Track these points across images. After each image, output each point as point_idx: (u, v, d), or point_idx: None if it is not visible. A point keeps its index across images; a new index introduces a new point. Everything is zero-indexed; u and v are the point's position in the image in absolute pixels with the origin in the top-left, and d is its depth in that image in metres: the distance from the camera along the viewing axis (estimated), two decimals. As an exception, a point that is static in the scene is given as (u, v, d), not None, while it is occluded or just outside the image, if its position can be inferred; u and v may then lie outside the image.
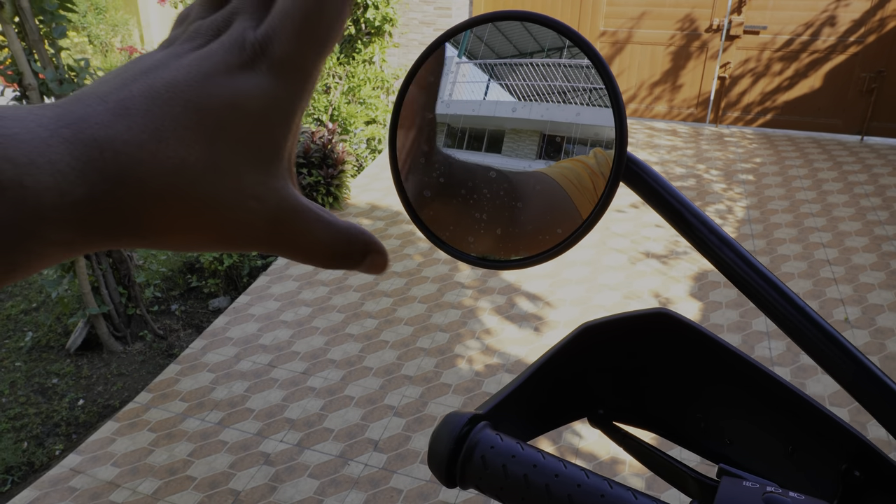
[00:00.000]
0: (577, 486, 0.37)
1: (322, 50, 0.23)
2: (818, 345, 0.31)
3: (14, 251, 0.19)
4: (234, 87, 0.22)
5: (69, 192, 0.20)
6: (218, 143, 0.22)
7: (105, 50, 7.15)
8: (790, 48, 5.02)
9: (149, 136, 0.21)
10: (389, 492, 2.05)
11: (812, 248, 3.46)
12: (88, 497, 2.05)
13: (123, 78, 0.22)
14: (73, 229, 0.20)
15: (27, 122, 0.20)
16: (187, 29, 0.25)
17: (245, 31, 0.23)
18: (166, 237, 0.22)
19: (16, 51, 2.27)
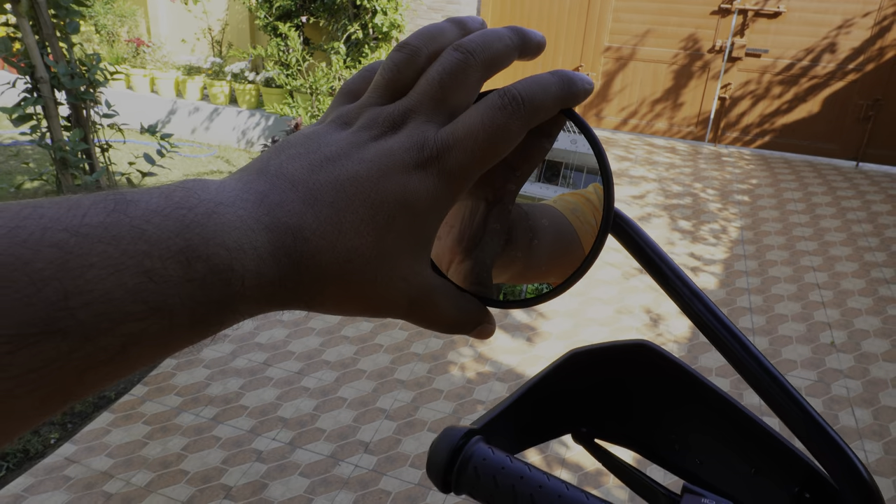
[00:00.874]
0: (559, 496, 0.42)
1: (488, 167, 0.26)
2: (772, 393, 0.36)
3: (218, 323, 0.22)
4: (407, 186, 0.25)
5: (265, 273, 0.23)
6: (386, 235, 0.25)
7: (111, 40, 7.19)
8: (790, 72, 5.10)
9: (332, 227, 0.24)
10: (378, 493, 2.10)
11: (802, 272, 3.52)
12: (82, 486, 2.09)
13: (311, 161, 0.25)
14: (258, 304, 0.23)
15: (235, 206, 0.22)
16: (362, 113, 0.27)
17: (426, 133, 0.26)
18: (327, 308, 0.26)
19: (29, 44, 2.32)
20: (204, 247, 0.21)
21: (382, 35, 5.08)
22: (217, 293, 0.21)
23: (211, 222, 0.21)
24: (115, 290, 0.19)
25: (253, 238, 0.22)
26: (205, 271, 0.21)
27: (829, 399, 2.56)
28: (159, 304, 0.20)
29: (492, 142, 0.26)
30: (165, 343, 0.21)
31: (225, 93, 5.89)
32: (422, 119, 0.26)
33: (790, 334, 2.98)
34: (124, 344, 0.20)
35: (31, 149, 5.33)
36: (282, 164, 0.25)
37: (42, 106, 2.43)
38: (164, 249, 0.20)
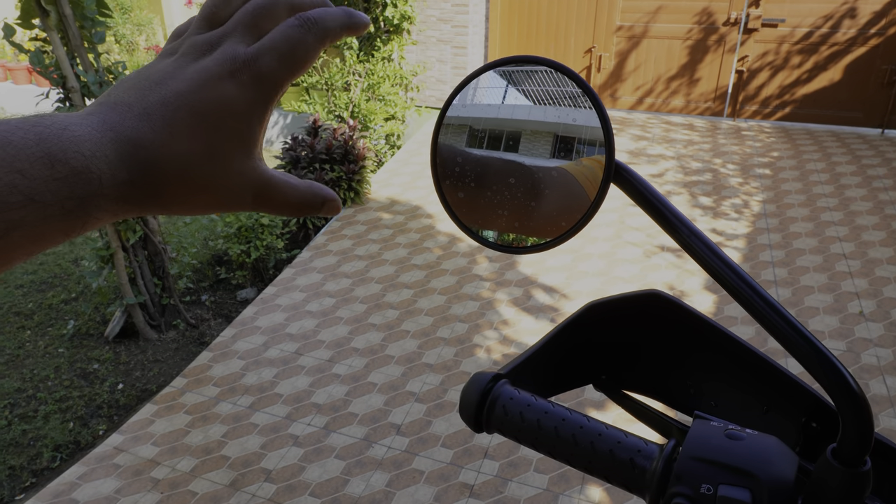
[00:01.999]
0: (580, 427, 0.47)
1: (294, 73, 0.32)
2: (774, 324, 0.40)
3: (85, 215, 0.27)
4: (224, 93, 0.30)
5: (116, 176, 0.28)
6: (214, 136, 0.30)
7: (131, 49, 7.33)
8: (809, 41, 5.02)
9: (166, 134, 0.29)
10: (412, 473, 2.16)
11: (828, 242, 3.49)
12: (131, 473, 2.19)
13: (141, 89, 0.31)
14: (117, 202, 0.29)
15: (84, 126, 0.28)
16: (184, 42, 0.33)
17: (236, 48, 0.31)
18: (179, 205, 0.31)
19: (60, 56, 2.41)
20: (62, 154, 0.26)
21: (394, 27, 5.12)
22: (80, 190, 0.26)
23: (65, 136, 0.26)
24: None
25: (103, 148, 0.28)
26: (66, 172, 0.26)
27: (859, 368, 2.56)
28: (33, 195, 0.25)
29: (292, 51, 0.31)
30: (42, 230, 0.26)
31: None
32: (233, 41, 0.32)
33: (817, 305, 2.97)
34: (7, 228, 0.24)
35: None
36: (118, 95, 0.31)
37: (73, 113, 2.52)
38: (30, 154, 0.25)
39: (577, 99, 0.43)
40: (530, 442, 0.49)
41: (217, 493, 2.10)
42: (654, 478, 0.43)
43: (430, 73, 5.74)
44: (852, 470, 0.40)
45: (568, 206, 0.43)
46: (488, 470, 2.17)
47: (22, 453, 2.37)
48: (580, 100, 0.43)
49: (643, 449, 0.45)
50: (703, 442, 0.43)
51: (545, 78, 0.44)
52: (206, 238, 3.77)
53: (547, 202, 0.44)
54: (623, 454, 0.45)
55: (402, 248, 3.60)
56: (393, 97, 5.09)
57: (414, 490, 2.09)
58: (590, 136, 0.43)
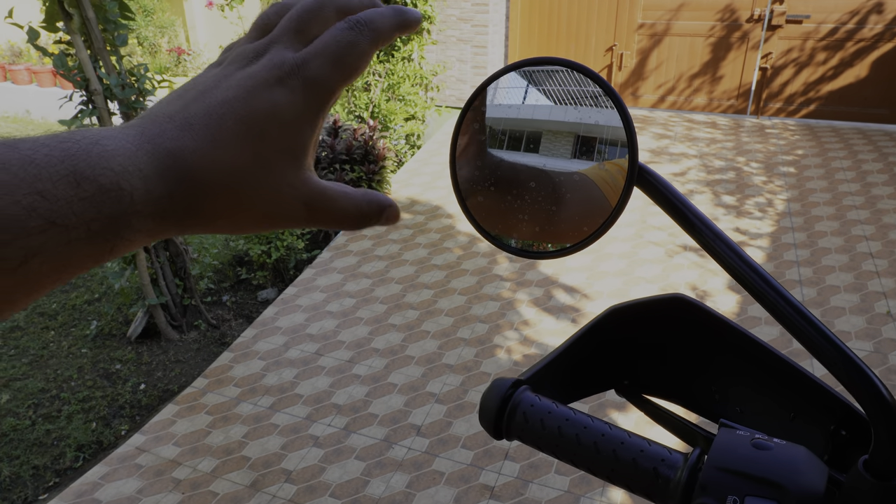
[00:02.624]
0: (602, 435, 0.46)
1: (346, 78, 0.30)
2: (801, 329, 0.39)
3: (115, 237, 0.25)
4: (273, 100, 0.29)
5: (152, 191, 0.26)
6: (261, 146, 0.28)
7: (153, 51, 7.44)
8: (835, 37, 4.92)
9: (208, 145, 0.27)
10: (432, 474, 2.16)
11: (854, 241, 3.42)
12: (153, 473, 2.21)
13: (185, 99, 0.29)
14: (153, 220, 0.26)
15: (118, 139, 0.26)
16: (232, 53, 0.32)
17: (284, 54, 0.30)
18: (224, 221, 0.29)
19: (83, 59, 2.44)
20: (90, 170, 0.24)
21: (413, 28, 5.11)
22: (109, 209, 0.24)
23: (95, 151, 0.24)
24: (10, 208, 0.22)
25: (137, 162, 0.26)
26: (94, 190, 0.24)
27: (886, 370, 2.50)
28: (55, 219, 0.23)
29: (344, 55, 0.30)
30: (66, 255, 0.24)
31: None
32: (281, 46, 0.30)
33: (843, 305, 2.91)
34: (26, 255, 0.22)
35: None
36: (160, 106, 0.29)
37: (97, 117, 2.56)
38: (53, 173, 0.23)
39: (598, 99, 0.42)
40: (551, 450, 0.48)
41: (238, 493, 2.12)
42: (679, 488, 0.42)
43: (450, 72, 5.74)
44: (886, 483, 0.38)
45: (590, 210, 0.42)
46: (509, 471, 2.15)
47: (46, 453, 2.41)
48: (602, 100, 0.42)
49: (667, 458, 0.44)
50: (730, 452, 0.41)
51: (566, 78, 0.43)
52: (226, 238, 3.81)
53: (568, 206, 0.43)
54: (646, 463, 0.44)
55: (422, 248, 3.60)
56: (413, 97, 5.10)
57: (434, 491, 2.09)
58: (612, 137, 0.42)
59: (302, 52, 0.30)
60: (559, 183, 0.43)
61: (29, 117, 7.23)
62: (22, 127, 6.92)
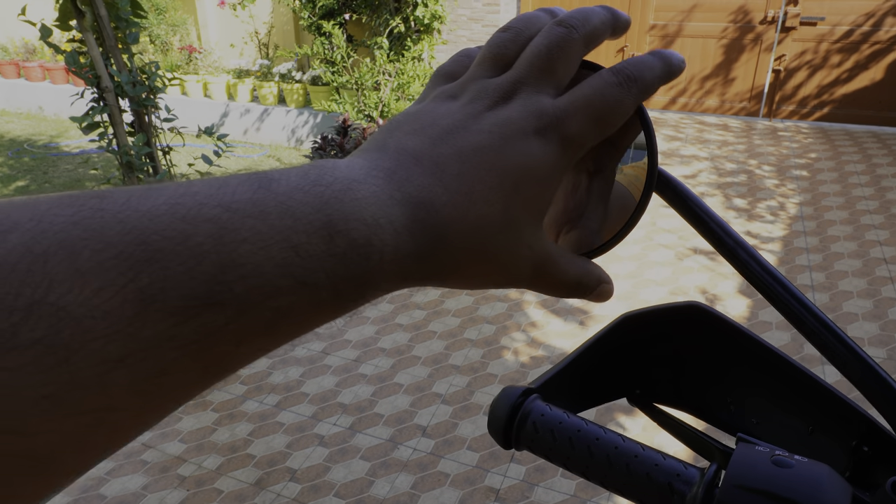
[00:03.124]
0: (615, 448, 0.44)
1: (603, 136, 0.28)
2: (826, 341, 0.37)
3: (360, 298, 0.23)
4: (529, 152, 0.26)
5: (402, 247, 0.23)
6: (513, 201, 0.26)
7: (165, 49, 7.48)
8: (850, 39, 4.87)
9: (461, 198, 0.24)
10: (437, 475, 2.15)
11: (868, 246, 3.38)
12: (158, 470, 2.22)
13: (429, 136, 0.26)
14: (397, 279, 0.24)
15: (369, 185, 0.23)
16: (469, 86, 0.28)
17: (542, 102, 0.27)
18: (457, 279, 0.26)
19: (95, 56, 2.45)
20: (344, 222, 0.21)
21: (424, 27, 5.11)
22: (357, 268, 0.22)
23: (347, 198, 0.22)
24: (265, 264, 0.20)
25: (388, 213, 0.23)
26: (345, 246, 0.21)
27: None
28: (305, 278, 0.21)
29: (607, 114, 0.27)
30: (311, 317, 0.21)
31: (274, 93, 6.04)
32: (532, 89, 0.27)
33: (856, 311, 2.88)
34: (275, 317, 0.20)
35: (98, 156, 5.61)
36: (400, 141, 0.26)
37: (108, 114, 2.57)
38: (308, 224, 0.21)
39: None
40: (562, 461, 0.46)
41: (242, 491, 2.11)
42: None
43: (459, 72, 5.73)
44: None
45: (616, 216, 0.41)
46: (515, 474, 2.14)
47: (55, 447, 2.42)
48: None
49: (682, 473, 0.42)
50: (749, 468, 0.40)
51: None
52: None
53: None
54: (661, 478, 0.42)
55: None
56: (421, 97, 5.09)
57: (439, 493, 2.08)
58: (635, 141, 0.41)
59: (562, 103, 0.27)
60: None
61: (42, 114, 7.28)
62: (35, 123, 6.97)
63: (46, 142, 6.22)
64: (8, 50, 7.65)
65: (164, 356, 0.18)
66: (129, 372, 0.18)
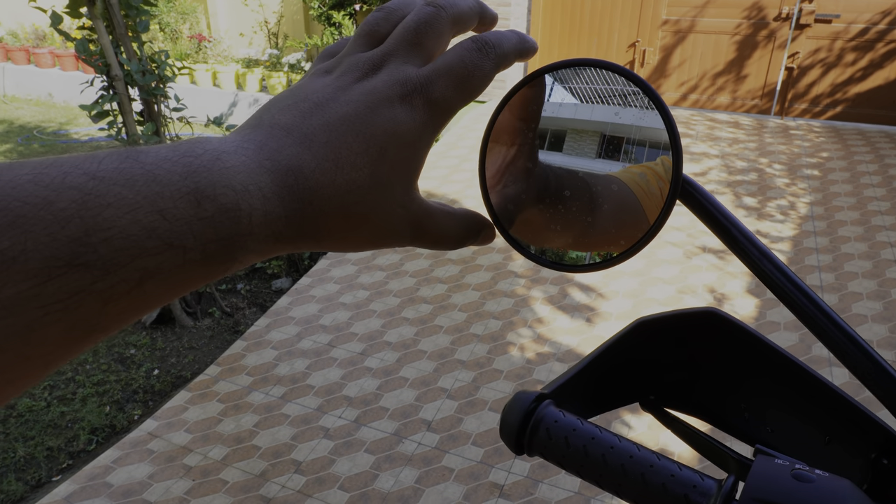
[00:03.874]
0: (630, 457, 0.43)
1: (467, 100, 0.30)
2: (842, 346, 0.37)
3: (229, 259, 0.24)
4: (394, 118, 0.28)
5: (271, 212, 0.25)
6: (380, 164, 0.27)
7: (175, 37, 7.47)
8: (865, 37, 4.82)
9: (330, 163, 0.26)
10: (441, 470, 2.15)
11: (879, 248, 3.35)
12: (164, 459, 2.23)
13: (300, 110, 0.27)
14: (268, 241, 0.25)
15: (238, 155, 0.25)
16: (342, 61, 0.30)
17: (407, 71, 0.29)
18: (333, 241, 0.28)
19: (105, 44, 2.44)
20: (211, 188, 0.23)
21: (435, 19, 5.08)
22: (226, 230, 0.23)
23: (216, 167, 0.24)
24: (131, 227, 0.21)
25: (257, 180, 0.25)
26: (213, 210, 0.23)
27: (908, 380, 2.45)
28: (172, 239, 0.22)
29: (469, 77, 0.29)
30: (180, 277, 0.23)
31: (282, 83, 6.03)
32: (400, 60, 0.29)
33: (865, 313, 2.85)
34: (142, 277, 0.21)
35: (107, 144, 5.62)
36: (273, 116, 0.28)
37: (117, 102, 2.56)
38: (175, 191, 0.22)
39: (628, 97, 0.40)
40: (575, 469, 0.46)
41: (247, 482, 2.12)
42: (712, 517, 0.39)
43: (469, 65, 5.70)
44: None
45: (628, 222, 0.40)
46: (519, 470, 2.14)
47: (60, 435, 2.43)
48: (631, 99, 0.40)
49: (699, 484, 0.41)
50: (768, 482, 0.39)
51: (594, 75, 0.41)
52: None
53: (605, 218, 0.41)
54: (677, 489, 0.42)
55: (436, 242, 3.58)
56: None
57: (443, 488, 2.08)
58: (639, 137, 0.40)
59: (426, 70, 0.29)
60: (596, 192, 0.41)
61: (51, 100, 7.30)
62: (45, 110, 6.98)
63: (56, 129, 6.24)
64: (18, 36, 7.66)
65: (27, 316, 0.19)
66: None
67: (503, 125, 0.41)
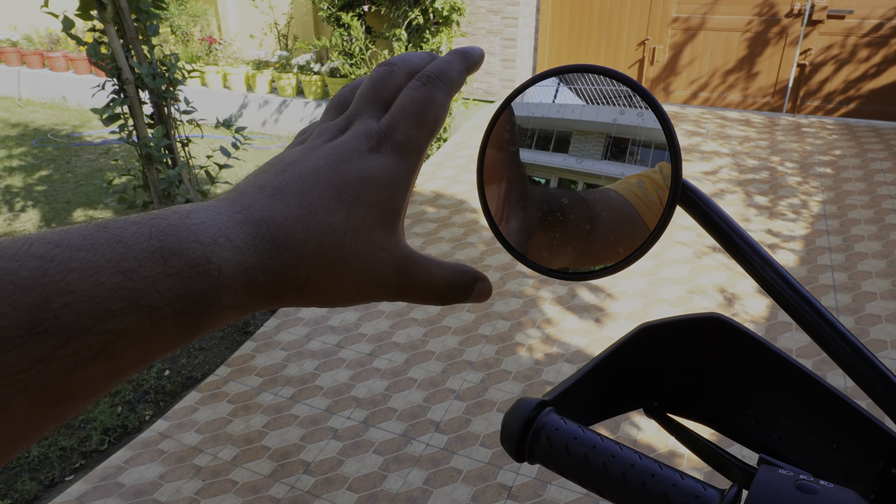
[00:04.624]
0: (631, 465, 0.43)
1: (432, 134, 0.31)
2: (845, 355, 0.36)
3: (203, 314, 0.23)
4: (365, 166, 0.28)
5: (243, 261, 0.24)
6: (355, 209, 0.28)
7: (186, 40, 7.51)
8: (878, 33, 4.76)
9: (302, 210, 0.27)
10: (450, 471, 2.14)
11: (892, 246, 3.31)
12: (175, 460, 2.24)
13: (274, 171, 0.28)
14: (245, 293, 0.25)
15: (208, 212, 0.25)
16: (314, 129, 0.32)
17: (369, 124, 0.30)
18: (319, 292, 0.27)
19: (115, 48, 2.46)
20: (178, 245, 0.23)
21: (443, 19, 5.08)
22: (196, 285, 0.23)
23: (184, 224, 0.23)
24: (94, 290, 0.20)
25: (227, 232, 0.25)
26: (180, 265, 0.22)
27: (923, 381, 2.42)
28: (138, 298, 0.21)
29: (425, 112, 0.30)
30: (150, 338, 0.22)
31: (292, 85, 6.05)
32: (364, 117, 0.31)
33: (879, 313, 2.82)
34: (107, 340, 0.21)
35: (119, 146, 5.67)
36: (249, 180, 0.29)
37: (128, 105, 2.58)
38: (140, 251, 0.22)
39: (632, 99, 0.39)
40: (576, 477, 0.45)
41: (257, 482, 2.13)
42: (714, 527, 0.39)
43: (478, 65, 5.69)
44: None
45: (626, 233, 0.39)
46: (527, 472, 2.13)
47: (73, 435, 2.45)
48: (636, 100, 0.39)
49: (701, 494, 0.41)
50: (772, 493, 0.39)
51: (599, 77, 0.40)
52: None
53: (604, 225, 0.40)
54: (679, 498, 0.41)
55: (445, 242, 3.58)
56: (439, 90, 5.06)
57: (451, 489, 2.08)
58: (645, 139, 0.39)
59: (385, 119, 0.30)
60: (595, 199, 0.40)
61: (65, 104, 7.37)
62: (59, 113, 7.05)
63: (70, 132, 6.30)
64: (32, 40, 7.74)
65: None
66: None
67: (490, 163, 0.41)
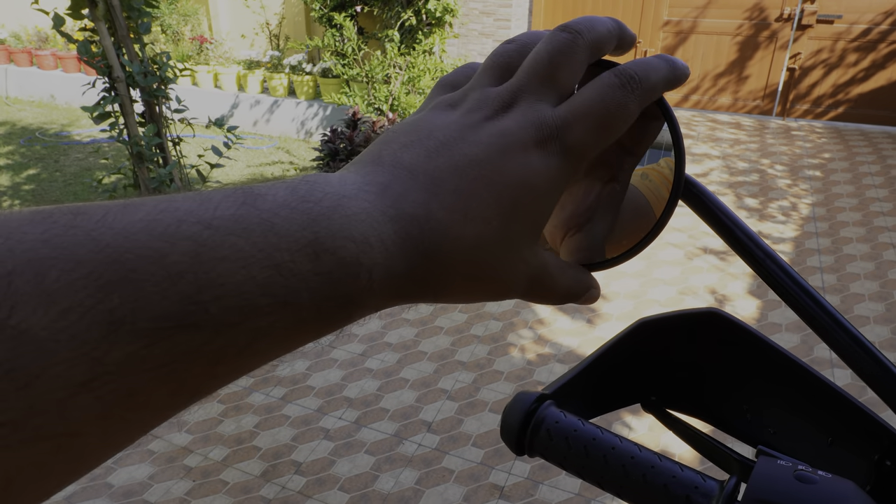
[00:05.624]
0: (631, 458, 0.43)
1: (606, 144, 0.26)
2: (846, 347, 0.36)
3: (345, 318, 0.22)
4: (528, 166, 0.25)
5: (392, 267, 0.22)
6: (511, 219, 0.25)
7: (176, 39, 7.48)
8: (867, 38, 4.81)
9: (458, 216, 0.24)
10: (441, 471, 2.14)
11: (881, 249, 3.34)
12: (165, 460, 2.22)
13: (425, 148, 0.25)
14: (387, 298, 0.23)
15: (360, 200, 0.22)
16: (469, 95, 0.27)
17: (541, 112, 0.26)
18: (455, 297, 0.25)
19: (106, 46, 2.45)
20: (331, 240, 0.21)
21: (436, 20, 5.08)
22: (344, 287, 0.21)
23: (336, 215, 0.21)
24: (245, 284, 0.19)
25: (379, 230, 0.22)
26: (332, 265, 0.21)
27: (910, 381, 2.44)
28: (287, 298, 0.20)
29: (611, 119, 0.26)
30: (291, 337, 0.21)
31: (284, 85, 6.03)
32: (533, 98, 0.26)
33: (867, 314, 2.85)
34: (253, 338, 0.20)
35: (108, 145, 5.63)
36: (395, 153, 0.25)
37: (119, 104, 2.57)
38: (293, 242, 0.20)
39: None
40: (576, 470, 0.45)
41: (248, 483, 2.12)
42: (714, 519, 0.39)
43: (470, 66, 5.71)
44: None
45: (629, 223, 0.39)
46: (519, 472, 2.13)
47: (62, 435, 2.43)
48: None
49: (701, 485, 0.41)
50: (771, 483, 0.39)
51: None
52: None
53: (623, 221, 0.40)
54: (678, 490, 0.41)
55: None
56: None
57: (443, 489, 2.07)
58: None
59: (562, 111, 0.26)
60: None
61: (54, 102, 7.31)
62: (47, 112, 7.00)
63: (58, 130, 6.25)
64: (21, 38, 7.68)
65: (133, 379, 0.18)
66: (94, 397, 0.17)
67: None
